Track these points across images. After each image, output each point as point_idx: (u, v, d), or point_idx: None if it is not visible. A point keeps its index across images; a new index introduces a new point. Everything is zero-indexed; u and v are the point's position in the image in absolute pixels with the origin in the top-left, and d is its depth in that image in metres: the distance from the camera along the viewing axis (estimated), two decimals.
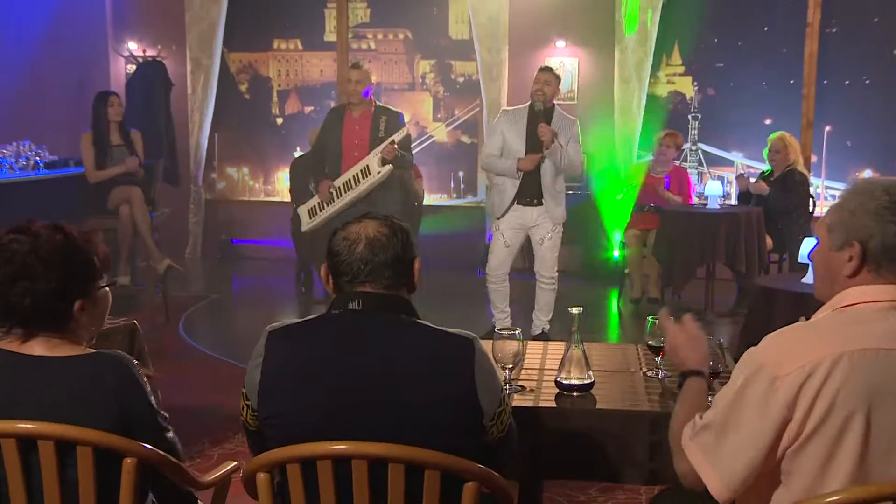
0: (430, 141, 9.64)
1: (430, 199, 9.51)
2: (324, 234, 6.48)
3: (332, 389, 2.00)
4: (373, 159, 6.14)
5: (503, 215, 5.99)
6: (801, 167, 7.13)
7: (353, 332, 2.05)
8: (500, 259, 6.07)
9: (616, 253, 8.64)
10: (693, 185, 7.96)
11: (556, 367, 2.73)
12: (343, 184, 6.25)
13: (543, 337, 6.18)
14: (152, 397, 2.09)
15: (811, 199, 7.31)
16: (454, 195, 9.68)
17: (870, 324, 1.84)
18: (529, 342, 3.25)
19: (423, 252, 7.89)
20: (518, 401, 2.61)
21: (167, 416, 2.15)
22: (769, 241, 6.95)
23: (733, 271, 7.05)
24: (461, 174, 9.64)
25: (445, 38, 9.58)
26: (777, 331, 1.89)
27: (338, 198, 6.26)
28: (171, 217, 9.19)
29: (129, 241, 6.53)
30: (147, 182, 6.83)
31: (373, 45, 9.73)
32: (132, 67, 9.29)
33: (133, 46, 9.57)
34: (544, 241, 6.01)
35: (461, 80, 9.61)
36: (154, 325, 6.53)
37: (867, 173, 8.68)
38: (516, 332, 2.68)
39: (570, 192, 8.82)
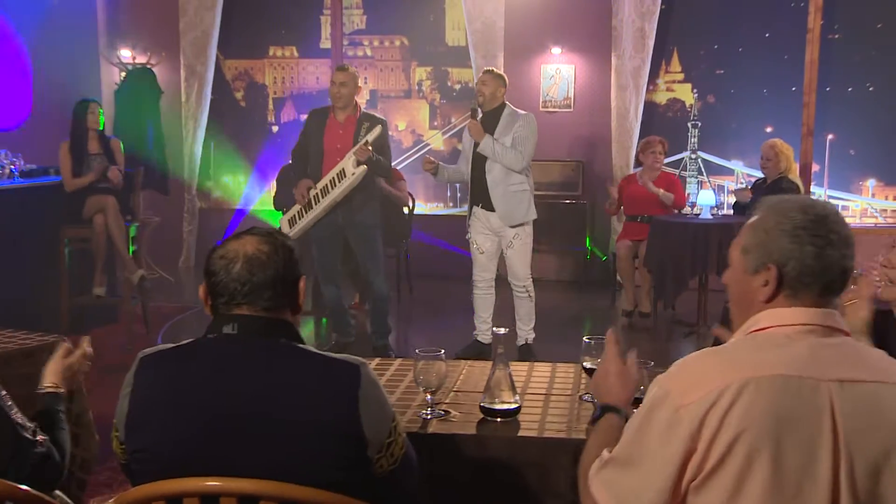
0: (426, 149, 9.50)
1: (426, 209, 9.38)
2: (304, 242, 6.33)
3: (203, 421, 1.86)
4: (347, 162, 5.96)
5: (469, 219, 6.08)
6: (793, 174, 6.90)
7: (228, 359, 1.91)
8: (479, 265, 6.11)
9: (601, 259, 8.48)
10: (685, 191, 7.78)
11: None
12: (321, 189, 6.07)
13: (526, 349, 6.06)
14: (13, 411, 1.98)
15: None
16: (451, 204, 9.54)
17: (780, 349, 1.70)
18: (470, 361, 3.11)
19: (417, 261, 7.70)
20: (436, 427, 2.47)
21: (41, 440, 2.03)
22: None
23: None
24: (457, 183, 9.46)
25: (442, 44, 9.45)
26: (686, 356, 1.76)
27: (315, 204, 6.09)
28: (165, 226, 9.10)
29: (103, 251, 6.38)
30: (126, 191, 6.71)
31: (369, 52, 9.61)
32: (124, 75, 9.21)
33: (125, 54, 9.48)
34: (511, 246, 5.94)
35: (458, 87, 9.47)
36: (131, 337, 6.40)
37: (870, 183, 8.47)
38: (441, 351, 2.54)
39: (567, 200, 8.76)
